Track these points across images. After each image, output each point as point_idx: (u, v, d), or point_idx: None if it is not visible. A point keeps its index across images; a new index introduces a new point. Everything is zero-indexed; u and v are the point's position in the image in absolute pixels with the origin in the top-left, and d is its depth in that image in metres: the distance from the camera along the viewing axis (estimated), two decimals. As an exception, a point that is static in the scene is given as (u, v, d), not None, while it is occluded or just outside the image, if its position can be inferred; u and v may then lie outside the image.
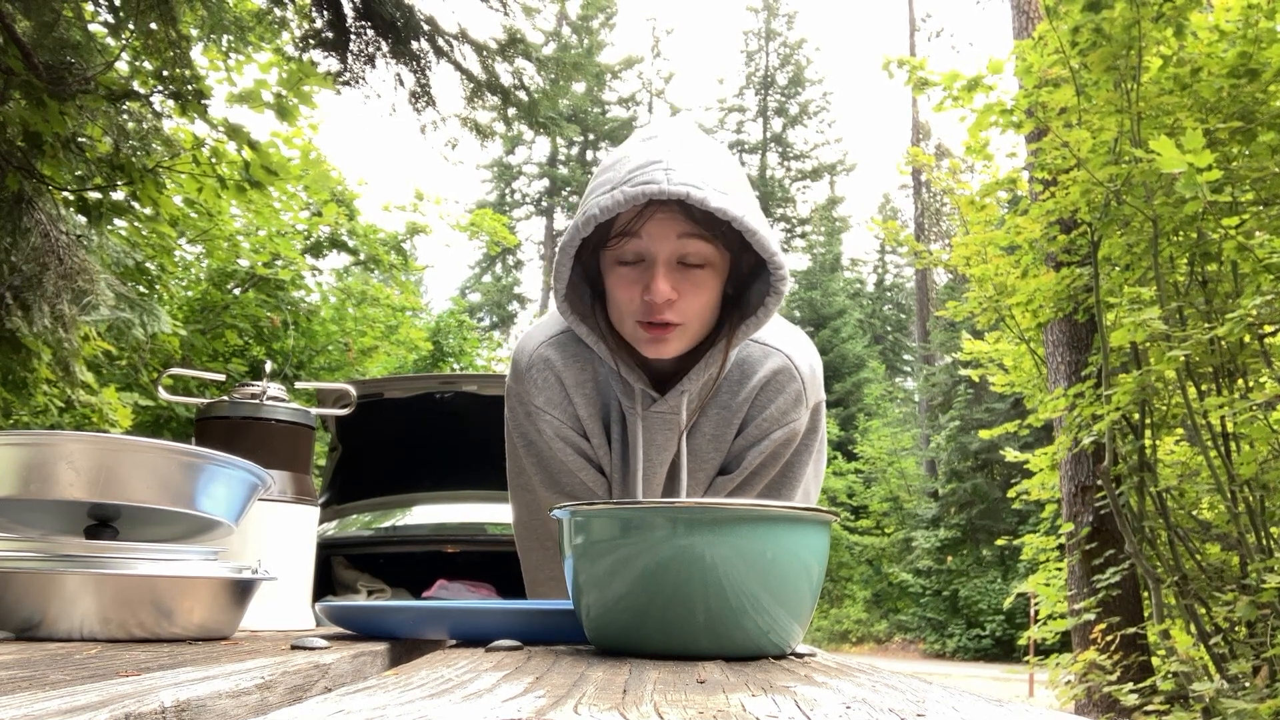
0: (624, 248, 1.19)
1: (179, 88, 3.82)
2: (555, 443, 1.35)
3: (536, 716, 0.43)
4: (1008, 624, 18.25)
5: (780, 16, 34.87)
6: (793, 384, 1.32)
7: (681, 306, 1.19)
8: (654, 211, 1.16)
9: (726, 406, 1.32)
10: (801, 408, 1.34)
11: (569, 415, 1.35)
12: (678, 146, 1.17)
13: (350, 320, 8.79)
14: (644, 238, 1.18)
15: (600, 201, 1.14)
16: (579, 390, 1.34)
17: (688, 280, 1.19)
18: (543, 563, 1.49)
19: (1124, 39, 3.91)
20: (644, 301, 1.19)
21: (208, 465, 0.97)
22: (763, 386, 1.31)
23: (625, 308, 1.22)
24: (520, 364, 1.38)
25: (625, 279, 1.21)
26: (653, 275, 1.18)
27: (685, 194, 1.10)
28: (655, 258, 1.18)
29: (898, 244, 8.18)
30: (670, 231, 1.17)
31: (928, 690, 0.58)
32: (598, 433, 1.36)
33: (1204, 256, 4.22)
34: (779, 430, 1.32)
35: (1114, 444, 4.74)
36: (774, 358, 1.32)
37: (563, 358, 1.34)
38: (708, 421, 1.33)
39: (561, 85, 4.60)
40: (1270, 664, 3.87)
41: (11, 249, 3.44)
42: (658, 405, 1.30)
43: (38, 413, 4.62)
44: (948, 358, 21.87)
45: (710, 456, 1.34)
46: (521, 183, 34.21)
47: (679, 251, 1.18)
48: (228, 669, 0.62)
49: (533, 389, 1.35)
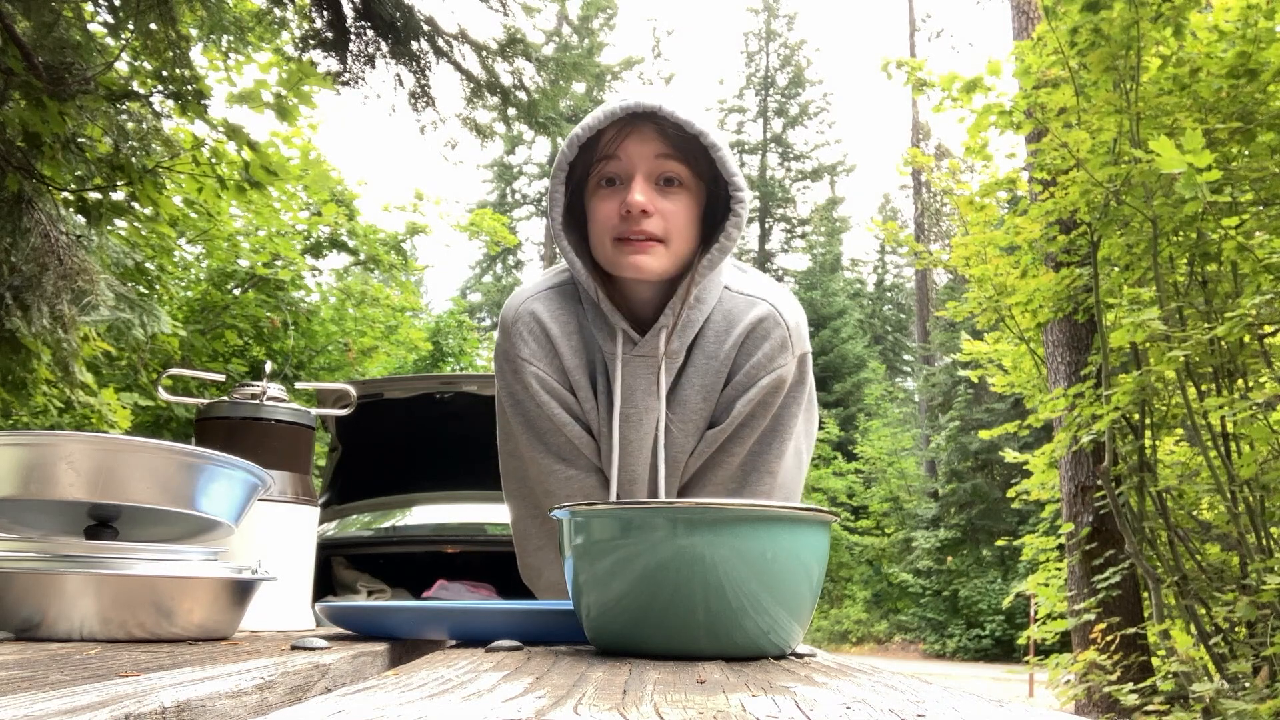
0: (605, 170, 1.27)
1: (179, 88, 3.82)
2: (540, 395, 1.36)
3: (536, 717, 0.43)
4: (1008, 624, 18.24)
5: (780, 17, 34.86)
6: (778, 329, 1.34)
7: (660, 220, 1.26)
8: (631, 130, 1.25)
9: (714, 356, 1.34)
10: (787, 354, 1.35)
11: (555, 368, 1.37)
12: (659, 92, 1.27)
13: (350, 320, 8.78)
14: (622, 158, 1.26)
15: (585, 122, 1.26)
16: (565, 341, 1.36)
17: (665, 197, 1.27)
18: (532, 531, 1.48)
19: (1123, 39, 3.91)
20: (621, 217, 1.25)
21: (208, 465, 0.97)
22: (748, 334, 1.34)
23: (604, 225, 1.28)
24: (507, 319, 1.40)
25: (604, 197, 1.28)
26: (630, 188, 1.25)
27: (658, 105, 1.23)
28: (633, 173, 1.26)
29: (898, 244, 8.18)
30: (648, 151, 1.26)
31: (928, 690, 0.58)
32: (584, 385, 1.37)
33: (1204, 257, 4.22)
34: (766, 376, 1.33)
35: (1114, 444, 4.74)
36: (759, 306, 1.35)
37: (549, 309, 1.37)
38: (695, 371, 1.35)
39: (561, 85, 4.60)
40: (1270, 664, 3.87)
41: (11, 249, 3.44)
42: (638, 348, 1.32)
43: (37, 413, 4.62)
44: (948, 358, 21.88)
45: (699, 408, 1.35)
46: (522, 183, 34.20)
47: (656, 170, 1.26)
48: (228, 669, 0.62)
49: (519, 342, 1.37)
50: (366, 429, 3.73)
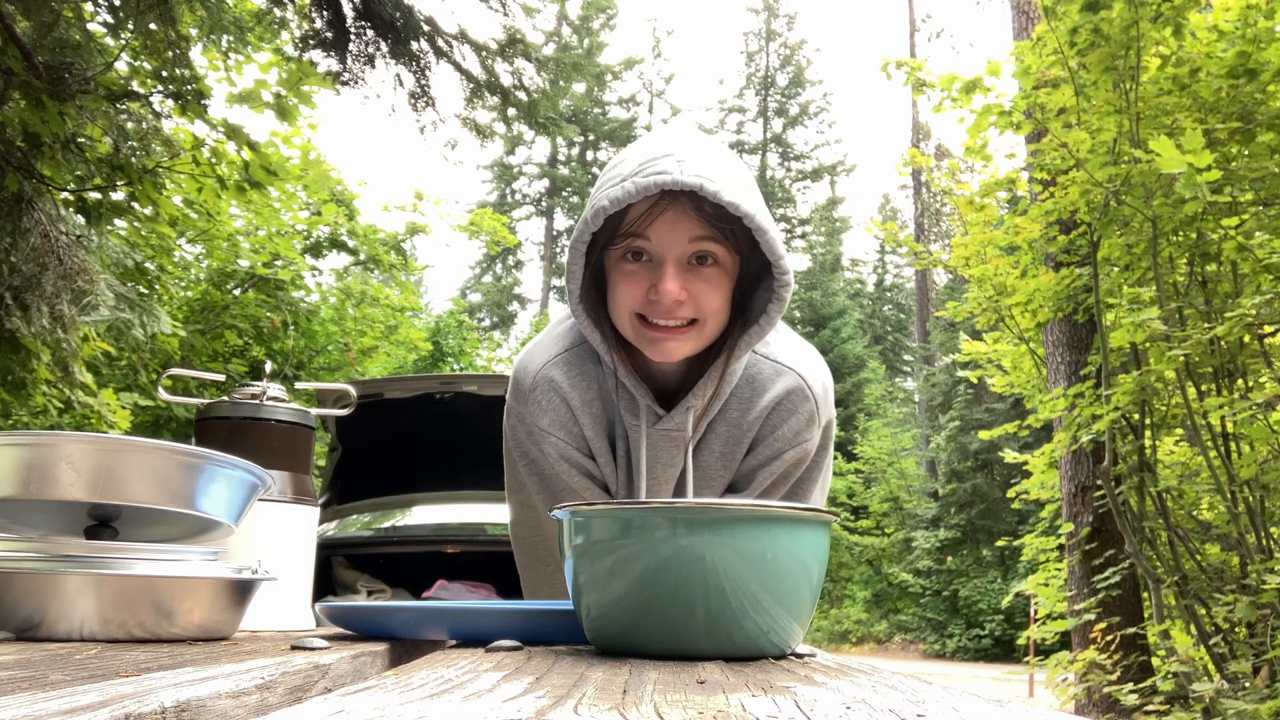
0: (632, 244, 1.15)
1: (179, 88, 3.82)
2: (560, 465, 1.32)
3: (536, 717, 0.43)
4: (1008, 624, 18.25)
5: (780, 17, 34.88)
6: (806, 404, 1.28)
7: (695, 303, 1.15)
8: (664, 209, 1.12)
9: (737, 425, 1.28)
10: (814, 428, 1.30)
11: (574, 436, 1.32)
12: (687, 141, 1.14)
13: (350, 320, 8.78)
14: (653, 239, 1.14)
15: (610, 193, 1.10)
16: (585, 410, 1.30)
17: (699, 278, 1.15)
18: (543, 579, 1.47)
19: (1122, 39, 3.91)
20: (648, 300, 1.15)
21: (208, 465, 0.96)
22: (775, 406, 1.28)
23: (627, 301, 1.17)
24: (524, 385, 1.33)
25: (630, 274, 1.16)
26: (661, 274, 1.13)
27: (699, 185, 1.06)
28: (665, 257, 1.14)
29: (898, 244, 8.18)
30: (681, 233, 1.13)
31: (928, 690, 0.58)
32: (604, 451, 1.32)
33: (1203, 257, 4.22)
34: (791, 451, 1.29)
35: (1114, 444, 4.74)
36: (786, 376, 1.28)
37: (568, 378, 1.30)
38: (716, 439, 1.30)
39: (561, 86, 4.60)
40: (1270, 664, 3.87)
41: (11, 249, 3.44)
42: (663, 422, 1.26)
43: (37, 413, 4.62)
44: (948, 358, 21.87)
45: (719, 474, 1.31)
46: (522, 183, 34.21)
47: (690, 251, 1.14)
48: (228, 669, 0.62)
49: (537, 410, 1.31)
50: (366, 429, 3.73)
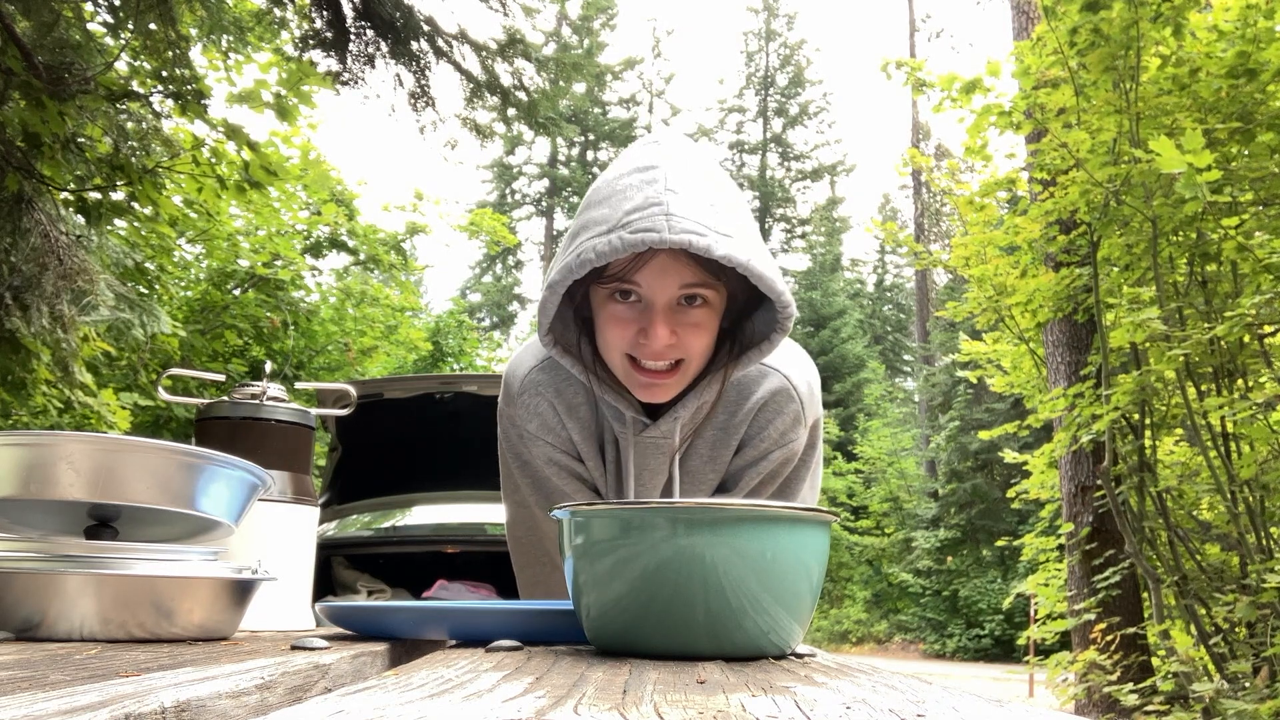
0: (619, 285, 1.14)
1: (178, 88, 3.82)
2: (549, 468, 1.35)
3: (536, 717, 0.43)
4: (1007, 624, 18.25)
5: (780, 17, 34.87)
6: (791, 405, 1.29)
7: (682, 346, 1.16)
8: (652, 256, 1.10)
9: (724, 427, 1.30)
10: (800, 428, 1.32)
11: (562, 440, 1.33)
12: (677, 183, 1.10)
13: (350, 320, 8.78)
14: (642, 285, 1.13)
15: (596, 245, 1.07)
16: (572, 415, 1.32)
17: (687, 321, 1.15)
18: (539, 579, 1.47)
19: (1122, 39, 3.91)
20: (638, 342, 1.15)
21: (208, 465, 0.96)
22: (761, 407, 1.29)
23: (616, 344, 1.17)
24: (513, 388, 1.35)
25: (618, 317, 1.16)
26: (651, 320, 1.13)
27: (688, 243, 1.04)
28: (654, 303, 1.13)
29: (897, 244, 8.18)
30: (671, 281, 1.12)
31: (928, 690, 0.58)
32: (593, 455, 1.34)
33: (1203, 257, 4.22)
34: (778, 451, 1.31)
35: (1114, 444, 4.74)
36: (771, 378, 1.29)
37: (555, 382, 1.32)
38: (703, 442, 1.31)
39: (561, 86, 4.60)
40: (1270, 664, 3.87)
41: (11, 249, 3.44)
42: (649, 431, 1.28)
43: (36, 413, 4.62)
44: (948, 358, 21.88)
45: (707, 476, 1.33)
46: (522, 183, 34.21)
47: (679, 295, 1.13)
48: (228, 669, 0.62)
49: (525, 414, 1.33)
50: (366, 429, 3.73)
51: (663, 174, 1.11)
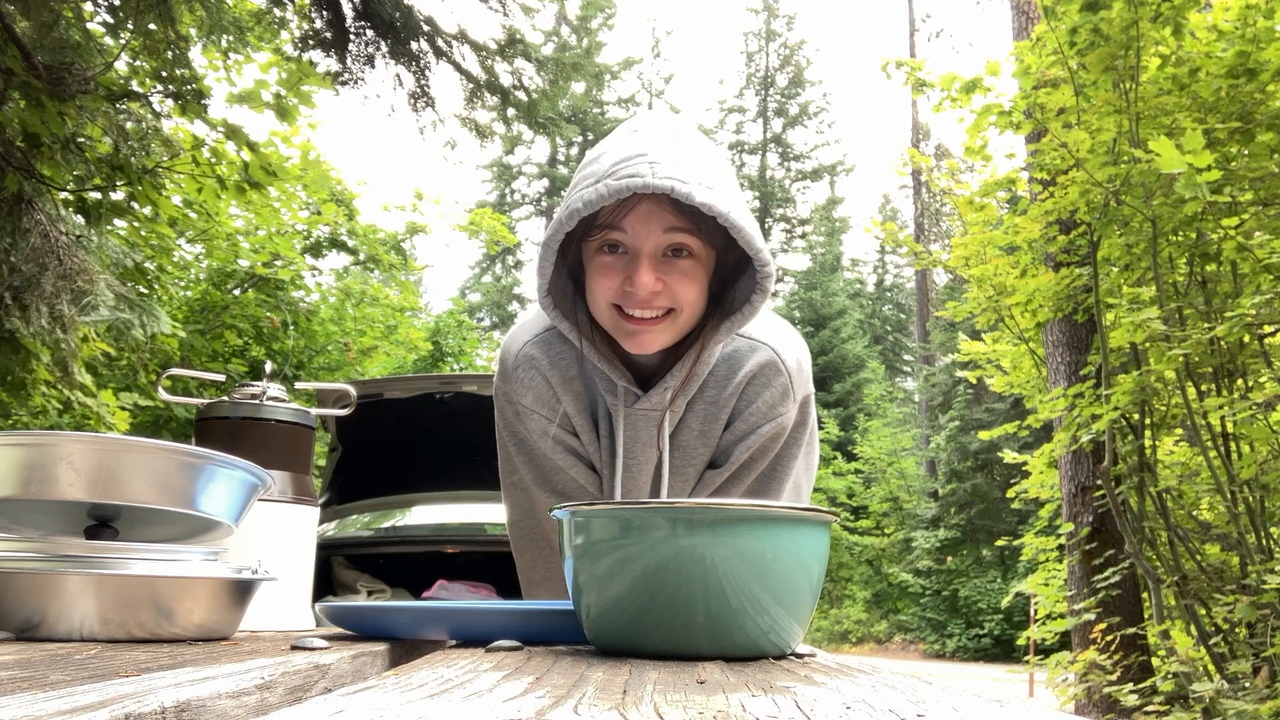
0: (607, 236, 1.17)
1: (178, 88, 3.82)
2: (544, 441, 1.35)
3: (537, 717, 0.43)
4: (1007, 624, 18.25)
5: (780, 17, 34.87)
6: (779, 378, 1.31)
7: (670, 293, 1.18)
8: (638, 203, 1.14)
9: (713, 401, 1.32)
10: (789, 401, 1.33)
11: (557, 414, 1.35)
12: (662, 139, 1.15)
13: (350, 320, 8.78)
14: (628, 231, 1.16)
15: (584, 195, 1.12)
16: (566, 388, 1.34)
17: (674, 270, 1.18)
18: (537, 562, 1.48)
19: (1122, 39, 3.91)
20: (624, 291, 1.18)
21: (208, 465, 0.96)
22: (749, 381, 1.30)
23: (603, 294, 1.19)
24: (507, 363, 1.37)
25: (606, 267, 1.19)
26: (636, 267, 1.16)
27: (670, 188, 1.08)
28: (640, 250, 1.16)
29: (898, 244, 8.18)
30: (655, 226, 1.15)
31: (928, 690, 0.58)
32: (587, 429, 1.35)
33: (1203, 257, 4.22)
34: (767, 425, 1.32)
35: (1114, 444, 4.74)
36: (760, 351, 1.31)
37: (549, 355, 1.33)
38: (694, 417, 1.33)
39: (561, 85, 4.60)
40: (1270, 664, 3.87)
41: (11, 249, 3.44)
42: (640, 402, 1.29)
43: (36, 414, 4.62)
44: (947, 358, 21.88)
45: (698, 451, 1.34)
46: (521, 183, 34.22)
47: (665, 243, 1.16)
48: (228, 669, 0.62)
49: (520, 388, 1.35)
50: (366, 429, 3.73)
51: (648, 132, 1.18)
